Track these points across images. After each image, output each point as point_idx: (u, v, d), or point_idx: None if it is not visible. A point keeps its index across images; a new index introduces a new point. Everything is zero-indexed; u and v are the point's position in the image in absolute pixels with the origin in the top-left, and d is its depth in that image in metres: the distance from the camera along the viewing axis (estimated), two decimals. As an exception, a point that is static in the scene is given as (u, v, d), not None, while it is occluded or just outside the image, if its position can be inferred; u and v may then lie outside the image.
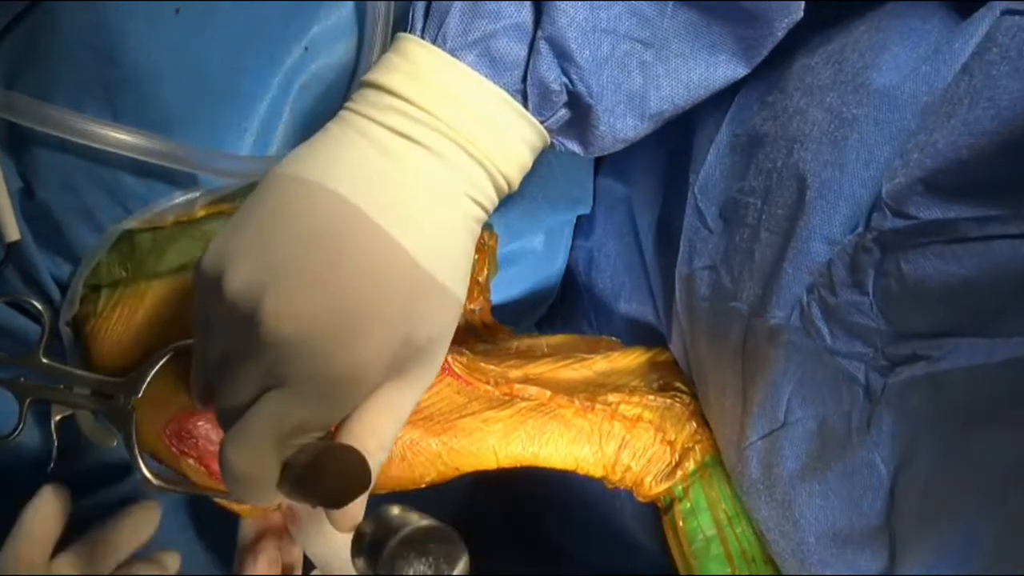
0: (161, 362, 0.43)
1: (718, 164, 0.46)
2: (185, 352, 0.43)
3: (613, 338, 0.55)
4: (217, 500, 0.45)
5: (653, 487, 0.47)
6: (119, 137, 0.42)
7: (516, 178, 0.38)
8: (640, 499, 0.48)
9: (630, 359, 0.52)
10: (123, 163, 0.43)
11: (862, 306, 0.39)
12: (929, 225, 0.37)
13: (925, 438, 0.37)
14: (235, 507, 0.45)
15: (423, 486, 0.46)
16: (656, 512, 0.49)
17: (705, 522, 0.46)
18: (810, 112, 0.42)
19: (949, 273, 0.36)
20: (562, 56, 0.36)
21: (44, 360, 0.44)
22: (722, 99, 0.47)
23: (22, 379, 0.44)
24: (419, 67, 0.36)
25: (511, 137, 0.37)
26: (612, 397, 0.48)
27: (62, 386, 0.44)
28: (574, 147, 0.40)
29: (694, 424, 0.48)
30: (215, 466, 0.44)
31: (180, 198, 0.44)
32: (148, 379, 0.43)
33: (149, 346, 0.45)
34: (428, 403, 0.46)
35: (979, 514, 0.34)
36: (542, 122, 0.37)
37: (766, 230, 0.43)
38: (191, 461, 0.44)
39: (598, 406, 0.47)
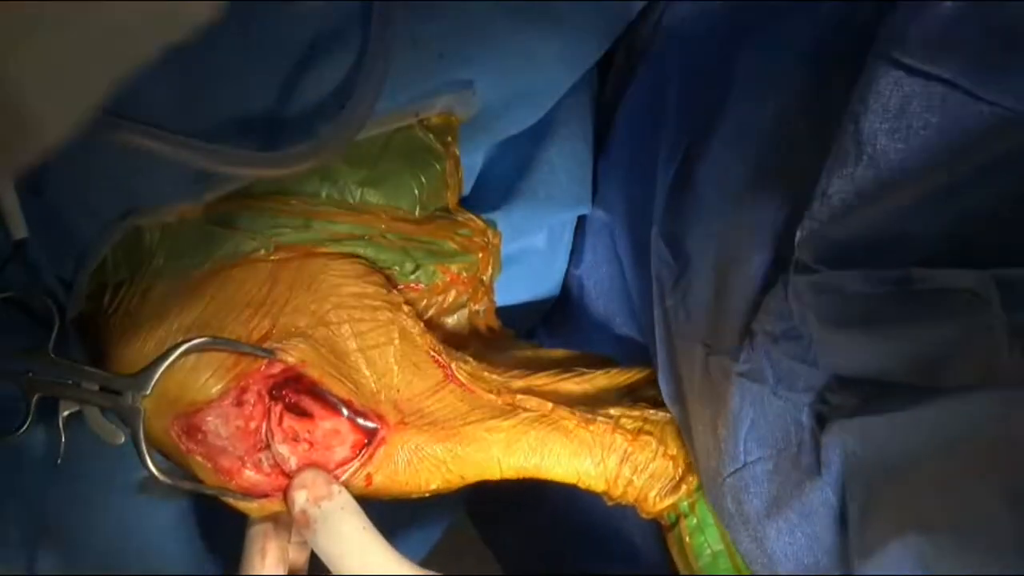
0: (171, 358, 0.43)
1: (673, 205, 0.47)
2: (195, 350, 0.43)
3: (610, 358, 0.55)
4: (224, 499, 0.45)
5: (657, 503, 0.48)
6: (128, 135, 0.42)
7: None
8: (644, 516, 0.49)
9: (628, 376, 0.52)
10: (130, 159, 0.43)
11: (797, 351, 0.40)
12: (827, 278, 0.38)
13: (867, 480, 0.38)
14: (241, 506, 0.46)
15: (427, 494, 0.47)
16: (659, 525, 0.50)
17: (712, 537, 0.47)
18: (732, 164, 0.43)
19: (855, 325, 0.37)
20: None
21: (53, 356, 0.44)
22: (679, 134, 0.47)
23: (30, 374, 0.44)
24: None
25: None
26: (614, 410, 0.48)
27: (70, 382, 0.44)
28: None
29: None
30: (223, 463, 0.44)
31: (187, 194, 0.45)
32: (157, 376, 0.43)
33: (155, 343, 0.45)
34: (433, 408, 0.47)
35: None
36: None
37: (709, 266, 0.44)
38: (199, 458, 0.44)
39: (599, 419, 0.48)
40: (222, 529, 0.48)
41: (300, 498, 0.44)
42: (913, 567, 0.36)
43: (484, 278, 0.54)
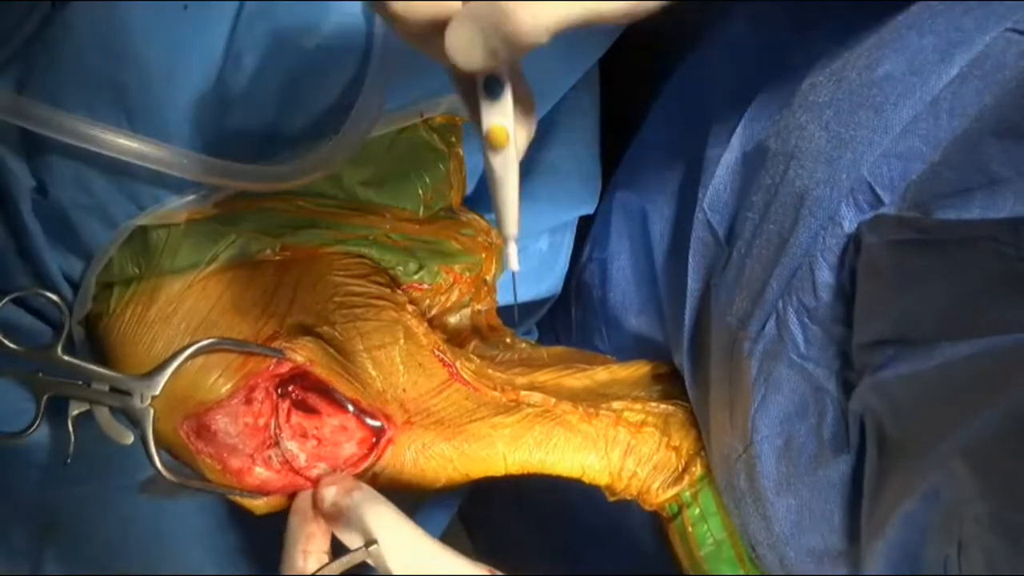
0: (180, 359, 0.44)
1: (729, 180, 0.48)
2: (204, 351, 0.44)
3: (609, 357, 0.55)
4: (231, 497, 0.46)
5: (660, 494, 0.49)
6: (126, 144, 0.42)
7: None
8: (646, 508, 0.49)
9: (630, 371, 0.53)
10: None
11: (834, 312, 0.41)
12: (882, 222, 0.38)
13: (892, 446, 0.39)
14: (247, 503, 0.46)
15: (431, 491, 0.47)
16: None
17: (715, 526, 0.48)
18: (808, 129, 0.43)
19: (888, 277, 0.38)
20: None
21: (63, 356, 0.44)
22: (731, 117, 0.48)
23: (40, 375, 0.45)
24: None
25: None
26: (616, 404, 0.49)
27: (80, 382, 0.44)
28: None
29: (697, 430, 0.49)
30: (233, 463, 0.45)
31: (193, 195, 0.45)
32: (167, 376, 0.44)
33: (163, 343, 0.45)
34: (439, 407, 0.47)
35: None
36: None
37: (760, 245, 0.44)
38: (207, 459, 0.45)
39: (602, 412, 0.49)
40: (229, 529, 0.48)
41: (329, 494, 0.43)
42: (919, 535, 0.36)
43: (487, 278, 0.54)
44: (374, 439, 0.46)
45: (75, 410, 0.45)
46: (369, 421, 0.46)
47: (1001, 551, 0.34)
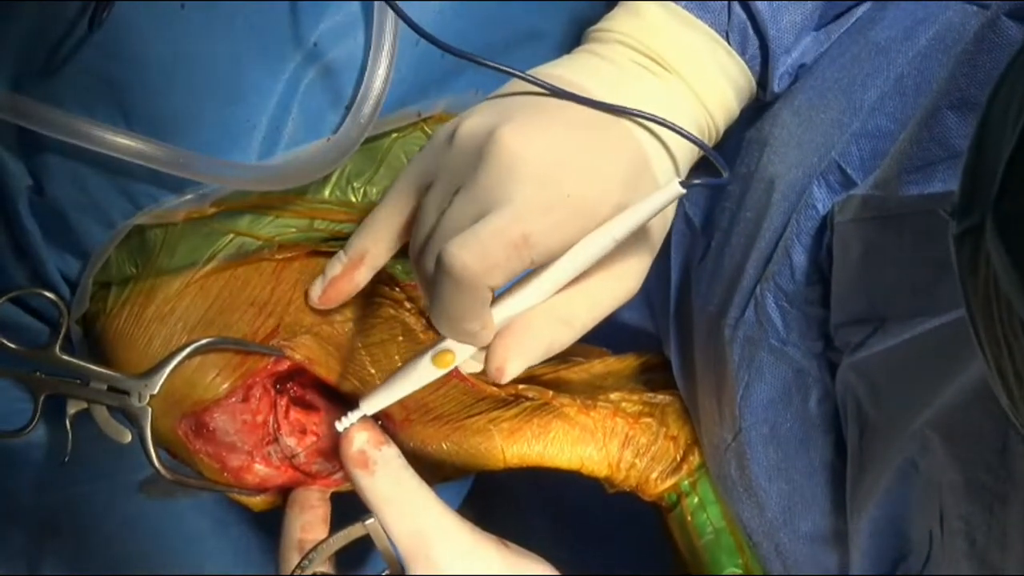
0: (179, 358, 0.44)
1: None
2: (202, 350, 0.44)
3: (605, 350, 0.55)
4: (230, 495, 0.46)
5: (659, 484, 0.49)
6: (124, 143, 0.42)
7: (720, 114, 0.42)
8: (645, 499, 0.50)
9: (627, 363, 0.53)
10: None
11: (813, 294, 0.42)
12: (849, 201, 0.39)
13: (871, 424, 0.39)
14: (244, 500, 0.46)
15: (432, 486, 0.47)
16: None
17: (714, 515, 0.48)
18: (782, 115, 0.44)
19: (874, 255, 0.38)
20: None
21: (61, 355, 0.44)
22: None
23: (38, 374, 0.45)
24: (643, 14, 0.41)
25: (715, 71, 0.41)
26: (613, 396, 0.49)
27: (78, 381, 0.44)
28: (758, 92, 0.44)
29: None
30: (230, 462, 0.45)
31: (191, 194, 0.45)
32: (165, 375, 0.44)
33: (160, 342, 0.45)
34: (437, 404, 0.48)
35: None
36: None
37: (737, 233, 0.45)
38: (204, 457, 0.45)
39: (600, 404, 0.49)
40: (230, 528, 0.48)
41: (360, 439, 0.42)
42: (902, 511, 0.36)
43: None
44: None
45: (73, 409, 0.45)
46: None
47: (976, 516, 0.35)
